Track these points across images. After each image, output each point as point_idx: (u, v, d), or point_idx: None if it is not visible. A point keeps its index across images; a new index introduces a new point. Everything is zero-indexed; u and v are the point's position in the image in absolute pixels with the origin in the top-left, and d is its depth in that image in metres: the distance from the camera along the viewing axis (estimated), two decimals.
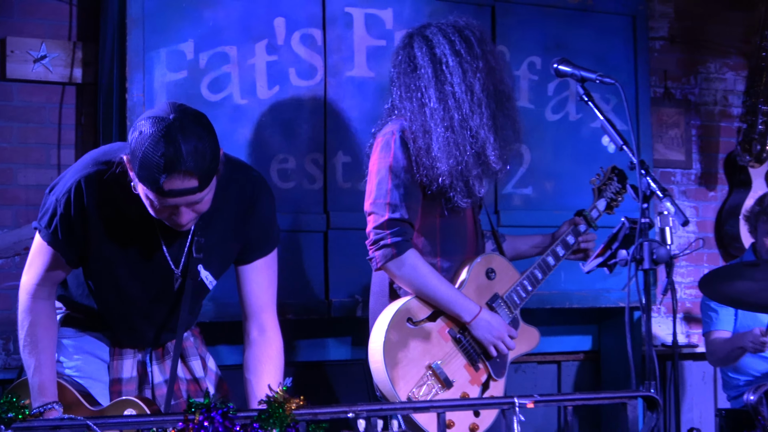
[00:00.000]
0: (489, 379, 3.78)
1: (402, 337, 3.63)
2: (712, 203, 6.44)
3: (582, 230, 4.03)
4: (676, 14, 6.38)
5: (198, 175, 2.83)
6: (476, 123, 3.70)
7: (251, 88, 4.61)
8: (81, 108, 4.82)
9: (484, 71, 3.74)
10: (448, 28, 3.78)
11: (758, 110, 6.23)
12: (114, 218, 3.12)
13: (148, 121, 2.85)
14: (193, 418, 2.45)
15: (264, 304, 3.40)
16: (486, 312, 3.75)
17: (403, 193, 3.68)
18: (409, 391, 3.59)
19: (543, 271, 3.94)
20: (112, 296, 3.30)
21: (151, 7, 4.41)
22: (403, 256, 3.65)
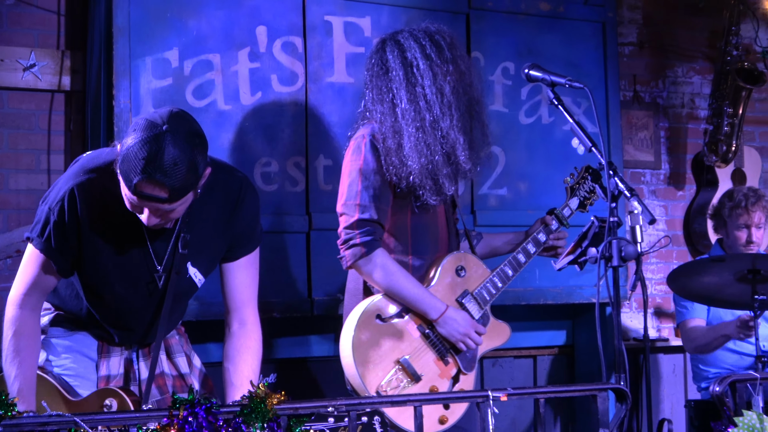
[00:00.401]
0: (459, 373, 3.80)
1: (371, 334, 3.66)
2: (680, 202, 6.47)
3: (554, 228, 4.02)
4: (644, 21, 6.41)
5: (169, 188, 2.86)
6: (446, 124, 3.71)
7: (234, 94, 4.60)
8: (69, 114, 4.82)
9: (454, 75, 3.75)
10: (420, 33, 3.78)
11: (724, 112, 6.25)
12: (104, 222, 3.13)
13: (144, 122, 2.88)
14: (177, 413, 2.45)
15: (246, 299, 3.42)
16: (452, 310, 3.75)
17: (373, 195, 3.71)
18: (378, 385, 3.62)
19: (514, 268, 3.94)
20: (103, 296, 3.29)
21: (137, 17, 4.41)
22: (371, 255, 3.68)
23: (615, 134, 5.44)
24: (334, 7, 4.79)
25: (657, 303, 6.32)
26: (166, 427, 2.43)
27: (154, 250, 3.22)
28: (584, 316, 5.56)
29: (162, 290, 3.28)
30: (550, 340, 5.67)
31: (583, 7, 5.35)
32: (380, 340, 3.67)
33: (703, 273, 4.61)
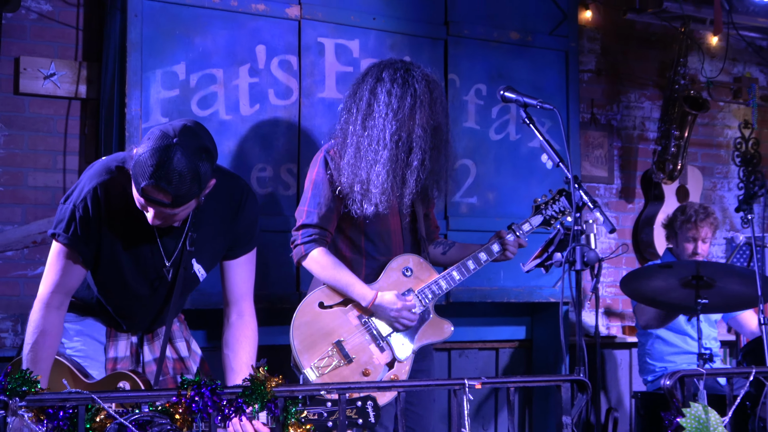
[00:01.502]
0: (393, 360, 3.86)
1: (311, 318, 3.81)
2: (630, 214, 6.50)
3: (509, 241, 4.00)
4: (602, 51, 6.44)
5: (173, 196, 2.89)
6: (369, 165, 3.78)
7: (235, 105, 4.59)
8: (85, 120, 4.80)
9: (405, 122, 3.79)
10: (397, 75, 3.84)
11: (671, 135, 6.30)
12: (121, 219, 3.13)
13: (158, 133, 2.90)
14: (185, 393, 2.44)
15: (244, 293, 3.43)
16: (380, 295, 3.81)
17: (319, 202, 3.85)
18: (313, 362, 3.74)
19: (461, 273, 3.94)
20: (116, 288, 3.29)
21: (148, 33, 4.40)
22: (310, 253, 3.83)
23: (574, 152, 5.48)
24: (326, 30, 4.78)
25: (607, 304, 6.36)
26: (175, 405, 2.43)
27: (164, 247, 3.23)
28: (542, 313, 5.56)
29: (170, 283, 3.29)
30: (511, 334, 5.68)
31: (549, 37, 5.36)
32: (319, 323, 3.82)
33: (652, 278, 4.61)
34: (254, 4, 4.63)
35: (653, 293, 4.71)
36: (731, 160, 6.91)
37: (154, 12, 4.42)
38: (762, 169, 6.90)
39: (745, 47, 6.80)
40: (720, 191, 6.86)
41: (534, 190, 5.14)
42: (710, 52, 6.74)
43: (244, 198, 3.33)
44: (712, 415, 3.10)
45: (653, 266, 4.68)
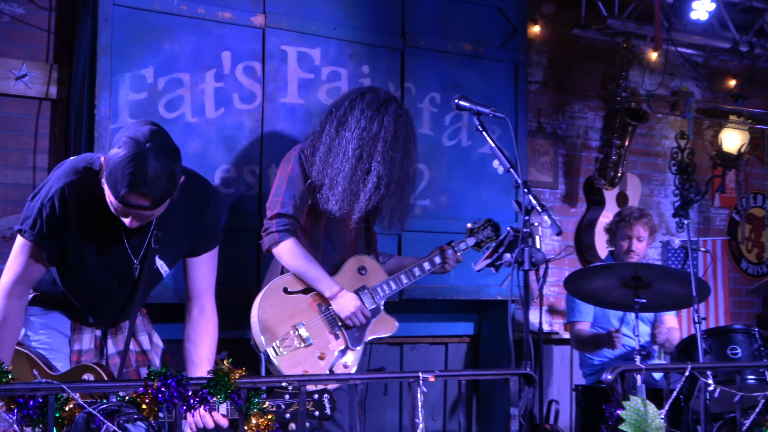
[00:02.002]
0: (346, 347, 3.98)
1: (275, 300, 3.92)
2: (573, 218, 6.55)
3: (449, 255, 4.23)
4: (549, 64, 6.48)
5: (152, 198, 2.88)
6: (335, 170, 3.92)
7: (201, 109, 4.56)
8: (55, 120, 4.75)
9: (358, 139, 3.94)
10: (373, 105, 3.99)
11: (612, 144, 6.36)
12: (88, 218, 3.10)
13: (129, 141, 2.86)
14: (152, 383, 2.42)
15: (206, 289, 3.41)
16: (345, 292, 3.95)
17: (294, 195, 3.96)
18: (273, 342, 3.84)
19: (408, 278, 4.14)
20: (82, 284, 3.25)
21: (118, 38, 4.36)
22: (283, 242, 3.93)
23: (522, 158, 5.50)
24: (289, 38, 4.77)
25: (550, 302, 6.40)
26: (142, 395, 2.40)
27: (131, 245, 3.20)
28: (489, 310, 5.58)
29: (134, 280, 3.26)
30: (460, 330, 5.70)
31: (500, 49, 5.38)
32: (283, 306, 3.92)
33: (594, 278, 4.65)
34: (221, 12, 4.61)
35: (594, 293, 4.75)
36: (668, 168, 7.00)
37: (124, 17, 4.38)
38: (696, 178, 7.00)
39: (683, 63, 6.89)
40: (657, 197, 6.94)
41: (484, 193, 5.19)
42: (650, 67, 6.82)
43: (207, 198, 3.31)
44: (650, 408, 3.13)
45: (595, 267, 4.72)
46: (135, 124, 2.99)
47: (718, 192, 7.22)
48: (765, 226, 7.48)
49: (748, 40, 6.45)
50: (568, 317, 5.38)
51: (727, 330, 4.95)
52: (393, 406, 5.49)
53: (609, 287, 4.64)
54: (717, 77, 7.22)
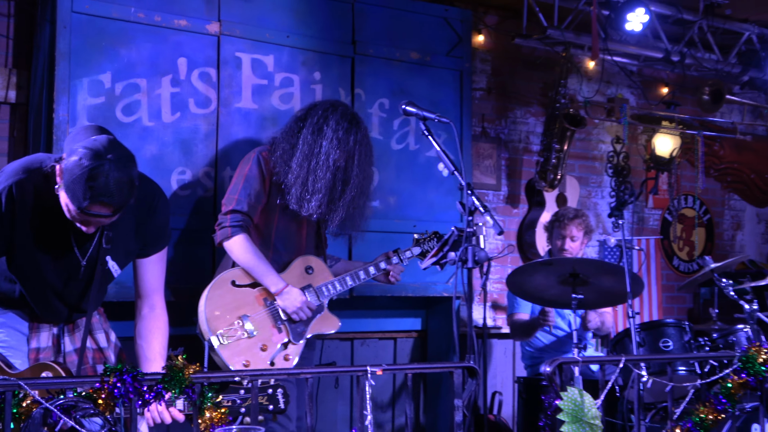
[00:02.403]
0: (288, 342, 4.00)
1: (223, 292, 3.93)
2: (515, 218, 6.59)
3: (394, 262, 4.27)
4: (492, 71, 6.52)
5: (113, 208, 2.89)
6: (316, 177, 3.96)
7: (157, 113, 4.51)
8: (14, 124, 4.67)
9: (340, 150, 3.99)
10: (343, 118, 4.03)
11: (552, 148, 6.40)
12: (35, 216, 3.06)
13: (88, 152, 2.84)
14: (108, 379, 2.39)
15: (155, 288, 3.41)
16: (290, 288, 3.98)
17: (249, 194, 3.99)
18: (219, 331, 3.85)
19: (353, 280, 4.18)
20: (32, 281, 3.20)
21: (76, 43, 4.31)
22: (235, 237, 3.95)
23: (467, 161, 5.53)
24: (243, 45, 4.74)
25: (494, 298, 6.43)
26: (98, 391, 2.37)
27: (78, 245, 3.17)
28: (436, 307, 5.59)
29: (84, 278, 3.23)
30: (408, 325, 5.70)
31: (446, 57, 5.40)
32: (229, 298, 3.93)
33: (534, 275, 4.67)
34: (176, 20, 4.57)
35: (535, 289, 4.77)
36: (604, 171, 7.06)
37: (82, 24, 4.33)
38: (631, 180, 7.07)
39: (618, 71, 6.95)
40: (594, 199, 7.00)
41: (430, 194, 5.20)
42: (588, 75, 6.88)
43: (156, 201, 3.31)
44: (586, 398, 3.16)
45: (536, 263, 4.75)
46: (85, 131, 2.97)
47: (652, 193, 7.31)
48: (695, 225, 7.59)
49: (680, 51, 6.53)
50: (509, 311, 5.41)
51: (660, 324, 5.00)
52: (344, 399, 5.48)
53: (548, 284, 4.66)
54: (650, 85, 7.30)
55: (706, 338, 4.94)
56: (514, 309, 5.34)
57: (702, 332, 5.06)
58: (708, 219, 7.69)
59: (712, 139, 7.60)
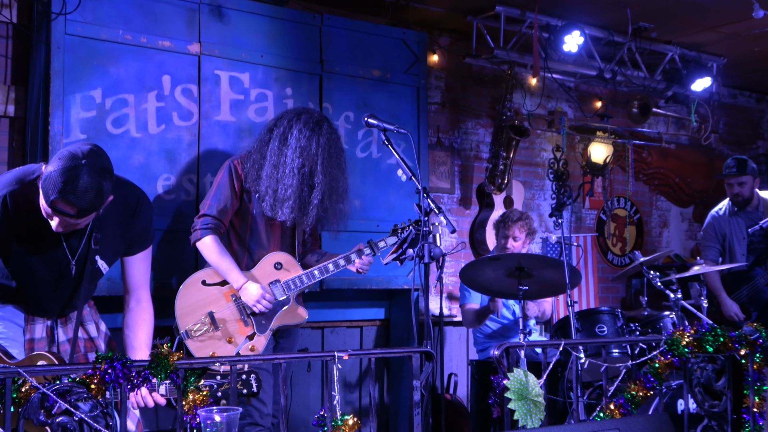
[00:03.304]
0: (254, 334, 3.97)
1: (194, 291, 3.92)
2: (467, 218, 6.61)
3: (366, 253, 4.13)
4: (446, 87, 6.54)
5: (78, 209, 2.85)
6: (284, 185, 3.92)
7: (144, 125, 4.47)
8: (13, 135, 4.60)
9: (302, 158, 3.95)
10: (310, 124, 3.98)
11: (499, 156, 6.43)
12: (28, 221, 3.04)
13: (68, 154, 2.84)
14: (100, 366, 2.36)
15: (141, 283, 3.39)
16: (250, 284, 3.93)
17: (220, 199, 3.98)
18: (188, 326, 3.86)
19: (321, 273, 4.07)
20: (26, 279, 3.18)
21: (69, 62, 4.26)
22: (204, 238, 3.94)
23: (424, 168, 5.52)
24: (222, 64, 4.72)
25: (449, 290, 6.45)
26: (91, 377, 2.35)
27: (69, 246, 3.16)
28: (397, 298, 5.60)
29: (75, 276, 3.22)
30: (373, 315, 5.70)
31: (404, 75, 5.41)
32: (199, 296, 3.92)
33: (485, 269, 4.69)
34: (161, 41, 4.53)
35: (485, 282, 4.79)
36: (546, 176, 7.11)
37: (75, 45, 4.28)
38: (570, 184, 7.12)
39: (558, 87, 7.00)
40: (537, 200, 7.05)
41: (391, 198, 5.21)
42: (530, 91, 6.92)
43: (140, 205, 3.30)
44: (530, 378, 3.18)
45: (485, 258, 4.77)
46: (81, 142, 2.95)
47: (588, 196, 7.37)
48: (627, 224, 7.66)
49: (611, 69, 6.60)
50: (461, 301, 5.43)
51: (595, 311, 5.05)
52: (316, 382, 5.47)
53: (497, 277, 4.68)
54: (586, 99, 7.36)
55: (636, 324, 4.99)
56: (466, 300, 5.35)
57: (633, 318, 5.11)
58: (638, 218, 7.76)
59: (641, 148, 7.68)
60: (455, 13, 6.10)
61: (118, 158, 4.29)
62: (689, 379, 3.61)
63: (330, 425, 2.73)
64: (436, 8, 6.02)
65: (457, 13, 6.09)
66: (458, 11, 6.08)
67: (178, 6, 4.61)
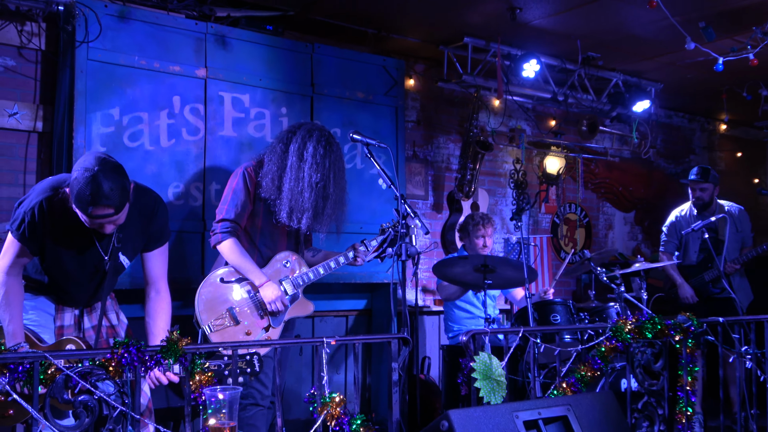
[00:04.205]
0: (269, 326, 3.86)
1: (214, 288, 3.78)
2: (439, 221, 6.62)
3: (361, 251, 4.04)
4: (420, 107, 6.55)
5: (113, 206, 2.86)
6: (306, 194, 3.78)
7: (156, 139, 4.45)
8: (41, 148, 4.57)
9: (322, 172, 3.81)
10: (322, 139, 3.84)
11: (467, 167, 6.46)
12: (63, 225, 3.04)
13: (82, 171, 2.84)
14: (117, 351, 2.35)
15: (159, 276, 3.37)
16: (270, 283, 3.83)
17: (237, 204, 3.82)
18: (209, 321, 3.71)
19: (325, 270, 3.99)
20: (60, 274, 3.18)
21: (91, 84, 4.25)
22: (225, 241, 3.79)
23: (401, 177, 5.53)
24: (225, 86, 4.70)
25: (423, 284, 6.45)
26: (109, 360, 2.33)
27: (101, 245, 3.16)
28: (379, 290, 5.60)
29: (104, 271, 3.21)
30: (357, 305, 5.69)
31: (384, 96, 5.41)
32: (218, 293, 3.78)
33: (455, 266, 4.71)
34: (172, 66, 4.51)
35: (454, 276, 4.81)
36: (507, 185, 7.13)
37: (96, 69, 4.26)
38: (528, 192, 7.15)
39: (517, 108, 7.03)
40: (500, 206, 7.08)
41: (373, 204, 5.21)
42: (494, 111, 6.96)
43: (156, 207, 3.29)
44: (494, 360, 3.19)
45: (455, 257, 4.78)
46: (85, 156, 2.94)
47: (544, 202, 7.39)
48: (577, 227, 7.70)
49: (564, 92, 6.64)
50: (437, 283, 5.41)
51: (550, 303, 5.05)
52: (307, 365, 5.45)
53: (465, 271, 4.70)
54: (542, 118, 7.40)
55: (585, 313, 5.01)
56: (440, 281, 5.36)
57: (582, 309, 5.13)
58: (587, 222, 7.81)
59: (589, 161, 7.72)
60: (429, 44, 6.12)
61: (133, 168, 4.28)
62: (631, 361, 3.63)
63: (319, 402, 2.73)
64: (412, 39, 6.04)
65: (431, 43, 6.11)
66: (431, 42, 6.10)
67: (187, 36, 4.59)
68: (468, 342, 3.15)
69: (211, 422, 2.27)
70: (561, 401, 3.16)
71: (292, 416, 5.10)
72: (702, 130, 8.86)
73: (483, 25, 5.76)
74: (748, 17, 5.36)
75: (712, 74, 5.25)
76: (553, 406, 3.09)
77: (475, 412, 2.84)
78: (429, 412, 5.30)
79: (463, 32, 5.93)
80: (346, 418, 2.69)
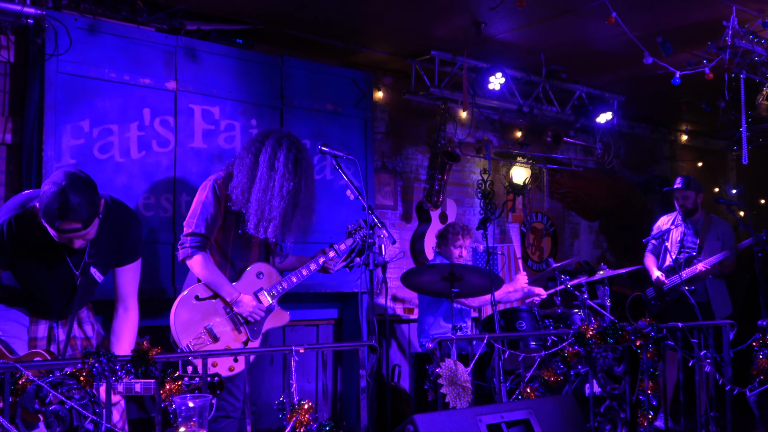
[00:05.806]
0: (248, 340, 3.79)
1: (189, 307, 3.67)
2: (408, 231, 6.66)
3: (330, 257, 4.00)
4: (389, 119, 6.60)
5: (81, 220, 2.86)
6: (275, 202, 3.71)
7: (127, 151, 4.45)
8: (10, 161, 4.53)
9: (293, 182, 3.74)
10: (293, 148, 3.76)
11: (435, 178, 6.51)
12: (33, 240, 3.04)
13: (51, 185, 2.85)
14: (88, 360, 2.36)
15: (130, 292, 3.36)
16: (243, 296, 3.74)
17: (206, 218, 3.72)
18: (188, 341, 3.61)
19: (298, 278, 3.93)
20: (32, 288, 3.18)
21: (61, 97, 4.24)
22: (195, 256, 3.69)
23: (371, 188, 5.56)
24: (195, 99, 4.72)
25: (393, 292, 6.47)
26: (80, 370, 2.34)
27: (72, 260, 3.16)
28: (348, 300, 5.61)
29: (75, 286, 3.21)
30: (328, 315, 5.70)
31: (353, 108, 5.45)
32: (194, 312, 3.68)
33: (423, 274, 4.74)
34: (142, 79, 4.52)
35: (423, 284, 4.84)
36: (475, 195, 7.18)
37: (66, 82, 4.26)
38: (495, 201, 7.21)
39: (484, 119, 7.11)
40: (468, 216, 7.13)
41: (342, 214, 5.24)
42: (461, 122, 7.02)
43: (129, 222, 3.29)
44: (459, 366, 3.24)
45: (423, 267, 4.82)
46: (56, 172, 2.95)
47: (511, 212, 7.46)
48: (543, 235, 7.78)
49: (529, 104, 6.72)
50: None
51: (516, 310, 5.12)
52: (278, 373, 5.45)
53: (433, 280, 4.73)
54: (508, 130, 7.47)
55: (550, 319, 5.08)
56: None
57: (547, 315, 5.20)
58: (553, 230, 7.89)
59: (555, 171, 7.81)
60: (397, 57, 6.19)
61: (104, 180, 4.28)
62: (593, 366, 3.69)
63: (288, 410, 2.76)
64: (380, 52, 6.10)
65: (399, 56, 6.18)
66: (399, 55, 6.17)
67: (157, 49, 4.61)
68: (434, 348, 3.19)
69: (182, 430, 2.30)
70: (523, 405, 3.22)
71: (264, 425, 5.10)
72: (664, 140, 9.02)
73: (450, 38, 5.84)
74: (704, 32, 5.51)
75: (672, 87, 5.38)
76: (515, 410, 3.15)
77: (440, 417, 2.89)
78: (399, 419, 5.33)
79: (430, 46, 6.00)
80: (314, 424, 2.72)
